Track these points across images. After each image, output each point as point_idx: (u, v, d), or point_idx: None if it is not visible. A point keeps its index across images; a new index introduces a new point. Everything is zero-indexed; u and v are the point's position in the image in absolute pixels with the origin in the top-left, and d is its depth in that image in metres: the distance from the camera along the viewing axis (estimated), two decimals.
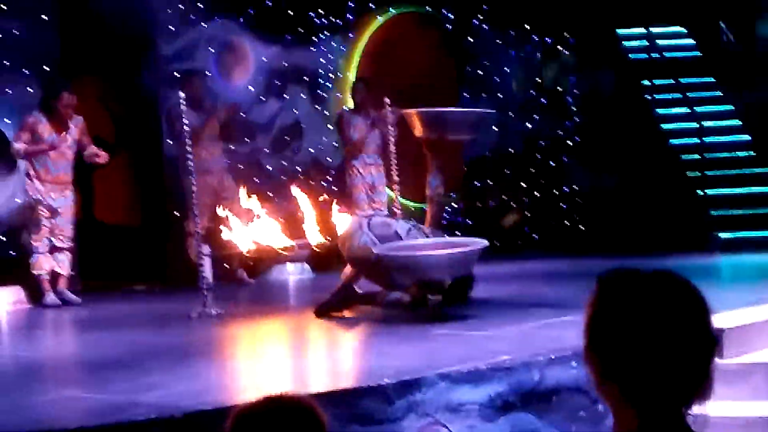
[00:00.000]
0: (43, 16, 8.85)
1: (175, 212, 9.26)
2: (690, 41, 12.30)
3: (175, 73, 9.64)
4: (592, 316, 1.67)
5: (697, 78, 11.83)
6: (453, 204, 11.73)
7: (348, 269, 7.05)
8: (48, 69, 8.75)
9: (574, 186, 12.34)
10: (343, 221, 9.74)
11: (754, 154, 11.09)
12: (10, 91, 8.66)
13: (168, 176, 9.50)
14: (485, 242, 6.67)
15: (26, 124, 8.19)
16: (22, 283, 8.36)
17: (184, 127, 7.75)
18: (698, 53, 12.17)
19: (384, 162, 9.60)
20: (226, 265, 9.49)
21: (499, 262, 10.44)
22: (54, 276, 8.29)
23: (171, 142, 9.38)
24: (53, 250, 8.26)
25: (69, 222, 8.34)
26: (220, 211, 7.94)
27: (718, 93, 11.75)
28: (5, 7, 8.68)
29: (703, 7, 12.11)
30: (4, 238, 8.56)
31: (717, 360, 1.65)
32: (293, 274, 9.87)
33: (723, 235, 10.12)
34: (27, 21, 8.77)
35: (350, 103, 10.33)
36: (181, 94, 7.54)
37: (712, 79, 11.81)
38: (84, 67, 9.68)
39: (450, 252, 6.49)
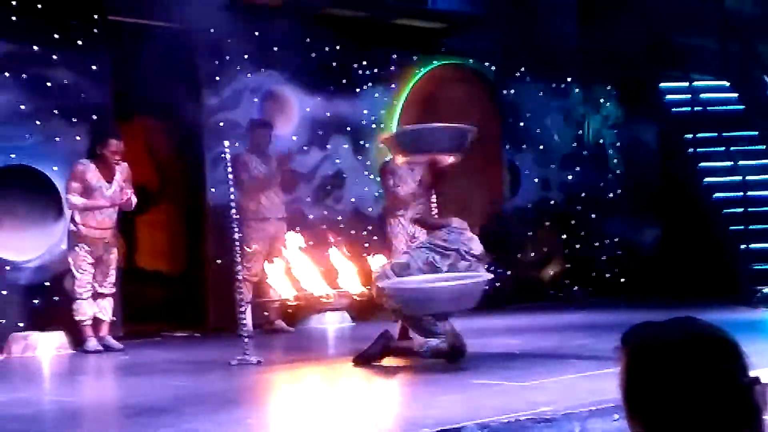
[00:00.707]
0: (93, 67, 9.04)
1: (217, 260, 9.33)
2: (733, 95, 12.27)
3: (219, 123, 9.79)
4: (627, 387, 1.66)
5: (740, 132, 11.79)
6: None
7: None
8: (96, 118, 8.91)
9: (615, 238, 12.30)
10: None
11: None
12: (59, 139, 8.83)
13: (210, 224, 9.60)
14: (488, 275, 6.88)
15: (76, 173, 8.34)
16: (64, 328, 8.45)
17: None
18: (741, 107, 12.14)
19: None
20: (266, 313, 9.55)
21: (540, 314, 10.41)
22: (96, 322, 8.37)
23: (214, 190, 9.51)
24: (96, 296, 8.35)
25: (112, 268, 8.44)
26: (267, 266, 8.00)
27: (762, 147, 11.69)
28: (56, 57, 8.87)
29: (745, 61, 12.11)
30: (49, 284, 8.67)
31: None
32: (333, 322, 9.89)
33: (765, 289, 10.00)
34: (77, 70, 8.96)
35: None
36: (233, 144, 7.63)
37: (756, 133, 11.76)
38: (131, 116, 9.87)
39: (451, 284, 6.59)
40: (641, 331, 1.68)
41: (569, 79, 12.43)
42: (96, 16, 9.12)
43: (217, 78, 9.87)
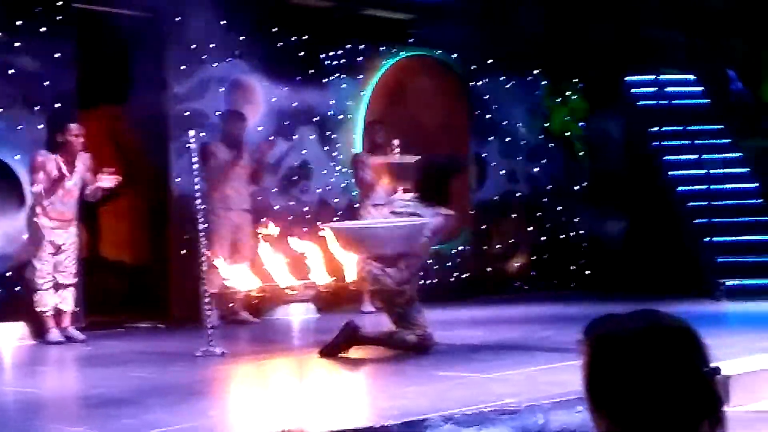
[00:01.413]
0: (56, 54, 8.93)
1: (181, 251, 9.27)
2: (698, 89, 12.35)
3: (185, 113, 9.71)
4: (589, 379, 1.66)
5: (705, 125, 11.87)
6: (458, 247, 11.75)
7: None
8: (60, 105, 8.81)
9: (581, 231, 12.35)
10: (349, 261, 9.73)
11: (762, 201, 11.09)
12: (21, 127, 8.72)
13: (175, 214, 9.53)
14: (428, 220, 7.05)
15: (36, 164, 8.24)
16: (26, 319, 8.35)
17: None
18: (706, 101, 12.22)
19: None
20: (231, 304, 9.50)
21: (504, 305, 10.43)
22: (58, 312, 8.28)
23: (179, 180, 9.44)
24: (57, 286, 8.26)
25: (73, 259, 8.35)
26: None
27: (726, 140, 11.78)
28: (19, 44, 8.75)
29: (711, 55, 12.19)
30: (10, 274, 8.57)
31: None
32: (298, 314, 9.85)
33: (729, 282, 10.09)
34: (41, 57, 8.84)
35: (359, 145, 10.38)
36: (200, 134, 7.55)
37: (720, 127, 11.84)
38: (95, 104, 9.76)
39: (392, 225, 6.97)
40: (603, 323, 1.68)
41: (536, 72, 12.45)
42: (60, 3, 9.00)
43: (183, 67, 9.78)
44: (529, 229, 12.33)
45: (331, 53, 10.85)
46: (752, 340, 6.79)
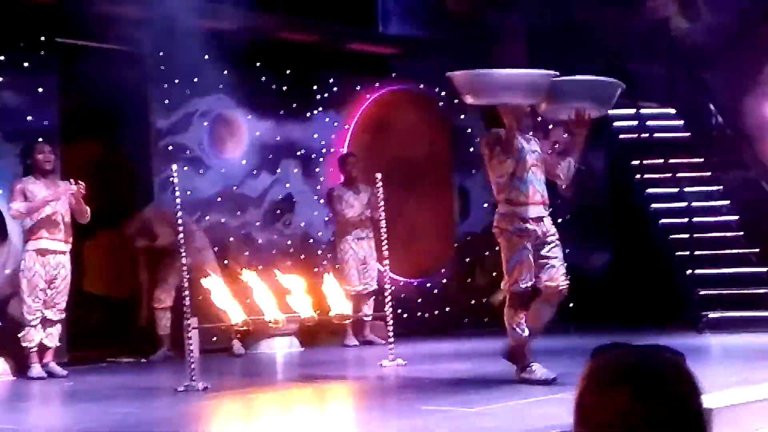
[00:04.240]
0: (39, 89, 8.93)
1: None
2: (679, 122, 12.44)
3: (168, 147, 9.72)
4: (582, 390, 1.67)
5: (685, 158, 11.94)
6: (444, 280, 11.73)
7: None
8: (42, 140, 8.79)
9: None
10: (334, 295, 9.73)
11: (742, 234, 11.15)
12: (4, 162, 8.69)
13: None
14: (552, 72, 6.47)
15: (15, 191, 8.18)
16: (7, 354, 8.28)
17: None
18: (687, 134, 12.30)
19: (374, 237, 9.65)
20: (215, 339, 9.47)
21: (489, 339, 10.42)
22: (41, 348, 8.22)
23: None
24: (45, 322, 8.17)
25: (64, 294, 8.27)
26: (207, 282, 7.93)
27: (707, 173, 11.85)
28: (2, 79, 8.76)
29: (691, 89, 12.29)
30: None
31: None
32: (281, 348, 9.82)
33: (711, 314, 10.12)
34: (24, 92, 8.85)
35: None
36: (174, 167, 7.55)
37: (701, 160, 11.92)
38: (77, 138, 9.75)
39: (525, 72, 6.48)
40: (610, 348, 1.69)
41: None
42: (43, 38, 9.02)
43: (167, 101, 9.80)
44: None
45: (314, 87, 10.89)
46: (734, 372, 6.81)
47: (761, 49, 12.11)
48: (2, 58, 8.76)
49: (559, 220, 12.71)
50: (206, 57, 9.72)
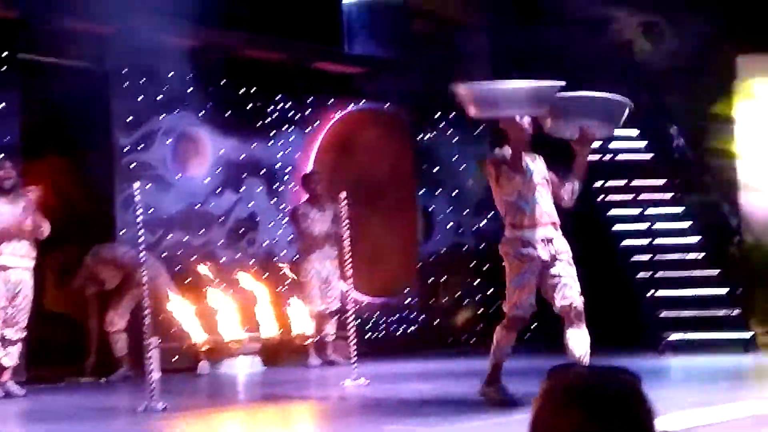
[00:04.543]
0: (1, 104, 8.85)
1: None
2: (642, 144, 12.55)
3: (131, 164, 9.66)
4: (537, 411, 1.67)
5: (648, 180, 12.04)
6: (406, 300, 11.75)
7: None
8: (3, 156, 8.70)
9: None
10: (297, 314, 9.72)
11: (704, 255, 11.24)
12: None
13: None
14: (556, 83, 6.27)
15: None
16: None
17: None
18: (649, 155, 12.41)
19: (338, 256, 9.62)
20: (174, 358, 9.39)
21: (451, 359, 10.42)
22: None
23: (123, 232, 9.38)
24: (4, 341, 8.03)
25: (26, 312, 8.14)
26: (170, 304, 7.89)
27: (669, 195, 11.96)
28: None
29: (654, 112, 12.41)
30: None
31: None
32: (243, 367, 9.75)
33: (672, 336, 10.18)
34: None
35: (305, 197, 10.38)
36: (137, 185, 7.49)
37: (663, 181, 12.03)
38: (41, 155, 9.66)
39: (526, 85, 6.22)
40: (565, 369, 1.69)
41: (483, 126, 12.58)
42: (5, 54, 8.94)
43: (130, 118, 9.74)
44: (475, 282, 12.38)
45: (279, 106, 10.88)
46: (693, 394, 6.85)
47: (721, 71, 12.27)
48: None
49: None
50: (170, 74, 9.68)
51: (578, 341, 6.39)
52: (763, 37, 12.12)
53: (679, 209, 11.79)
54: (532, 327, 12.18)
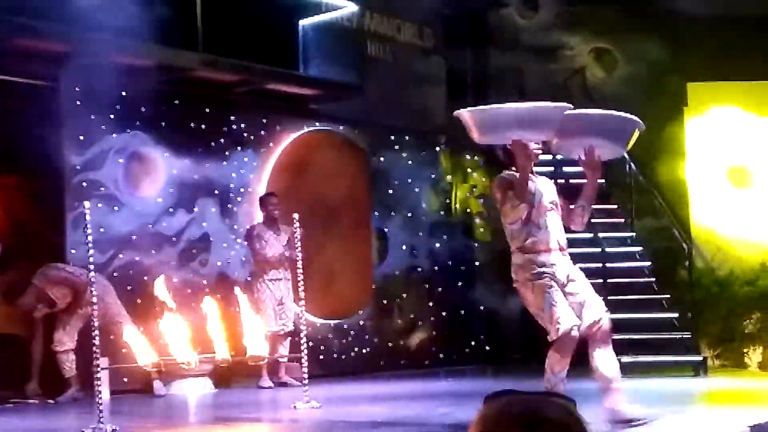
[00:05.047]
0: None
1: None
2: None
3: (82, 183, 9.56)
4: None
5: (601, 204, 12.15)
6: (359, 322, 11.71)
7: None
8: None
9: (481, 306, 12.45)
10: (251, 336, 9.63)
11: (654, 279, 11.36)
12: None
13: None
14: (564, 105, 6.05)
15: None
16: None
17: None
18: (602, 180, 12.52)
19: (292, 277, 9.59)
20: (125, 379, 9.28)
21: (405, 381, 10.41)
22: None
23: (74, 251, 9.27)
24: None
25: None
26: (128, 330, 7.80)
27: (621, 220, 12.08)
28: None
29: None
30: None
31: None
32: (194, 389, 9.66)
33: (623, 359, 10.24)
34: None
35: (259, 218, 10.34)
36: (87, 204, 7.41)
37: (615, 207, 12.15)
38: None
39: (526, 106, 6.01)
40: (500, 395, 1.68)
41: (438, 149, 12.65)
42: None
43: (81, 137, 9.66)
44: (429, 304, 12.39)
45: (233, 126, 10.85)
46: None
47: (672, 98, 12.45)
48: None
49: (477, 263, 12.89)
50: (123, 93, 9.62)
51: (607, 362, 6.06)
52: (712, 64, 12.33)
53: (630, 234, 11.91)
54: (484, 348, 12.22)
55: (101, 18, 8.69)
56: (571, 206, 6.31)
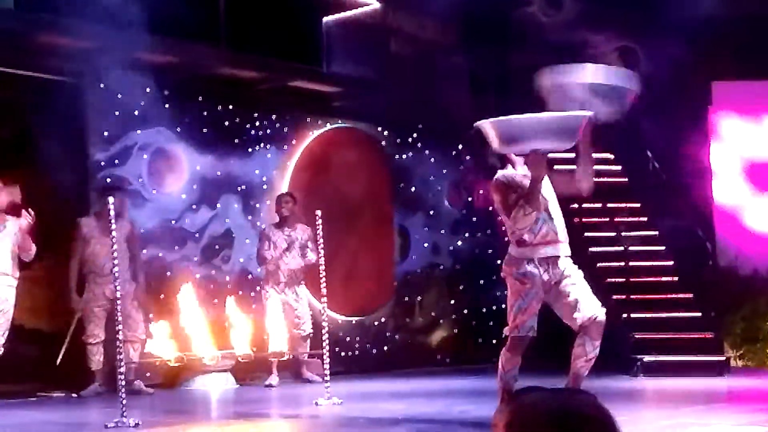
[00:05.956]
0: None
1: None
2: (617, 167, 12.63)
3: (106, 179, 9.62)
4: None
5: (623, 203, 12.11)
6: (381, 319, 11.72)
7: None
8: None
9: (503, 305, 12.42)
10: (273, 333, 9.65)
11: (677, 279, 11.31)
12: None
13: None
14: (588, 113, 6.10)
15: None
16: None
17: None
18: (625, 179, 12.49)
19: (314, 275, 9.57)
20: (148, 374, 9.34)
21: (426, 379, 10.41)
22: None
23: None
24: None
25: (4, 329, 8.06)
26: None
27: (644, 218, 12.03)
28: None
29: (629, 136, 12.50)
30: None
31: None
32: (216, 384, 9.70)
33: (646, 358, 10.22)
34: None
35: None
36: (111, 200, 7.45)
37: (638, 205, 12.10)
38: (14, 169, 9.60)
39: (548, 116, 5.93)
40: (528, 392, 1.68)
41: (461, 147, 12.63)
42: None
43: (106, 133, 9.71)
44: (451, 302, 12.39)
45: (256, 123, 10.88)
46: (666, 416, 6.86)
47: (696, 97, 12.37)
48: None
49: (498, 261, 12.85)
50: (147, 90, 9.67)
51: (586, 358, 6.22)
52: (737, 63, 12.25)
53: (653, 232, 11.86)
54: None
55: (126, 15, 8.74)
56: (574, 175, 6.36)
